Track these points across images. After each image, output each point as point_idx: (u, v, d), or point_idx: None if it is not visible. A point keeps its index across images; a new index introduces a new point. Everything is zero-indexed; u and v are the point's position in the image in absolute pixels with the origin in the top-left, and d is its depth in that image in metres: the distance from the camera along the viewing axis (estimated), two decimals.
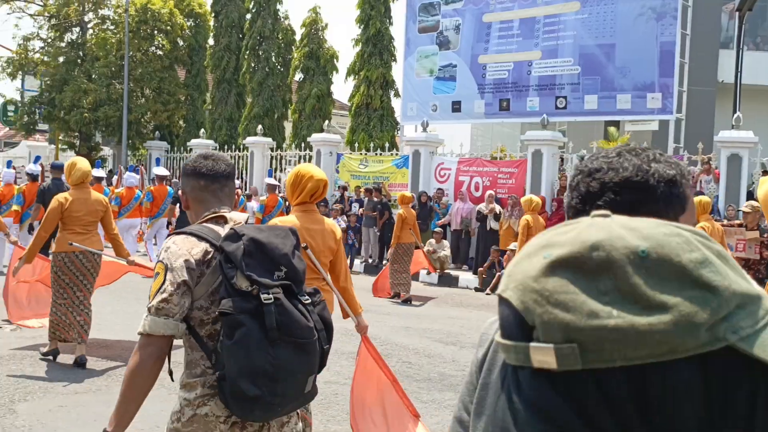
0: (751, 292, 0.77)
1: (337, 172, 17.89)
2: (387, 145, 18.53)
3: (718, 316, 0.74)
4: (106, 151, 27.03)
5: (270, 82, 22.91)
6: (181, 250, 2.10)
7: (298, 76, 22.60)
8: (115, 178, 17.68)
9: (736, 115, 12.81)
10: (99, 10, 25.20)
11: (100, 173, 13.60)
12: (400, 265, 11.00)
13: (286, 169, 18.83)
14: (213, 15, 25.01)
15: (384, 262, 12.58)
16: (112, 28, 24.81)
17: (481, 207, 13.91)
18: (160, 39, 24.48)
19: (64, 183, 7.38)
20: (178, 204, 12.45)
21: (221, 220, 2.24)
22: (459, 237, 14.52)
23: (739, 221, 9.76)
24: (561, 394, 0.79)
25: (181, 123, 25.32)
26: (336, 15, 75.00)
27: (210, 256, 2.11)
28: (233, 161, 20.46)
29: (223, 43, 24.15)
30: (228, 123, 23.99)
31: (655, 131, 16.57)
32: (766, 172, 12.00)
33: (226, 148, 21.35)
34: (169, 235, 2.22)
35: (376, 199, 15.03)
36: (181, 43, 25.32)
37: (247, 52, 23.06)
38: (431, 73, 18.16)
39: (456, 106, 17.80)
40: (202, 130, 22.74)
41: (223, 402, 2.03)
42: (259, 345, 1.96)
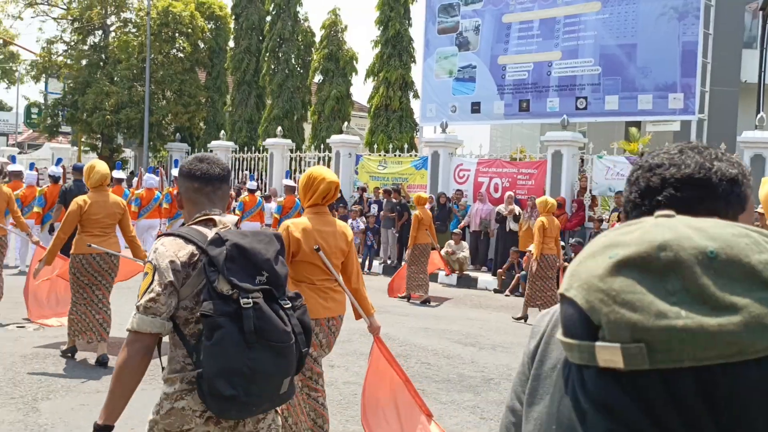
0: None
1: (356, 173, 17.92)
2: (406, 146, 18.53)
3: None
4: (128, 152, 27.31)
5: (290, 84, 23.01)
6: (168, 251, 2.17)
7: (318, 78, 22.68)
8: (135, 179, 17.84)
9: (759, 116, 12.64)
10: (121, 14, 25.50)
11: (121, 175, 13.75)
12: (417, 267, 10.98)
13: (305, 170, 18.88)
14: (233, 17, 25.19)
15: (402, 263, 12.57)
16: (134, 31, 25.08)
17: (501, 208, 13.85)
18: (181, 41, 24.69)
19: (85, 185, 7.50)
20: None
21: (210, 222, 2.31)
22: (478, 238, 14.47)
23: (758, 222, 9.64)
24: (628, 393, 0.79)
25: (201, 125, 25.52)
26: (355, 17, 75.15)
27: (196, 259, 2.17)
28: (253, 163, 20.64)
29: (244, 46, 24.30)
30: (248, 125, 24.13)
31: (677, 132, 16.39)
32: None
33: (246, 149, 21.48)
34: (159, 236, 2.31)
35: (394, 200, 15.03)
36: (201, 45, 25.53)
37: (267, 54, 23.18)
38: (450, 74, 18.12)
39: (475, 107, 17.74)
40: (223, 132, 22.90)
41: (200, 398, 2.09)
42: (236, 347, 2.02)
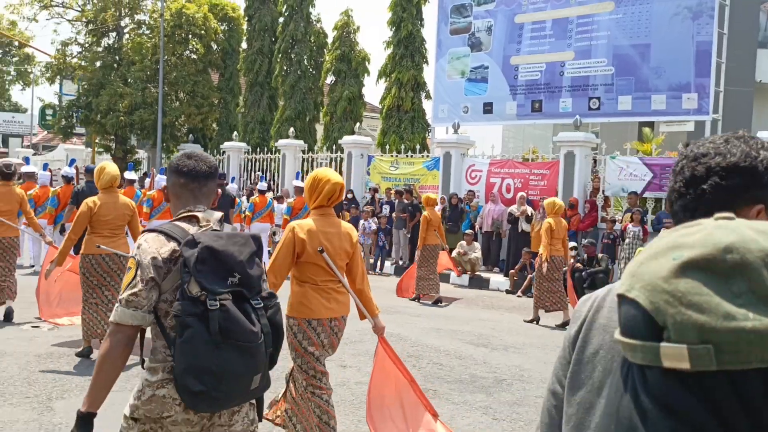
0: None
1: (368, 174, 17.93)
2: (418, 147, 18.51)
3: None
4: (141, 153, 27.45)
5: (302, 85, 23.06)
6: (151, 248, 2.25)
7: (330, 79, 22.70)
8: (147, 180, 17.95)
9: None
10: (135, 15, 25.63)
11: (133, 176, 13.84)
12: (427, 268, 10.97)
13: None
14: (246, 19, 25.26)
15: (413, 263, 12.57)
16: (147, 32, 25.20)
17: (513, 209, 13.82)
18: (194, 43, 24.80)
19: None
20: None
21: (194, 219, 2.37)
22: (490, 239, 14.45)
23: None
24: (695, 394, 0.79)
25: (214, 126, 25.62)
26: (368, 18, 75.24)
27: (177, 255, 2.24)
28: (265, 164, 20.71)
29: (256, 47, 24.37)
30: (260, 126, 24.20)
31: (691, 132, 16.29)
32: None
33: (258, 150, 21.55)
34: (143, 231, 2.36)
35: (406, 201, 15.03)
36: (214, 46, 25.62)
37: (280, 56, 23.24)
38: (463, 74, 18.09)
39: (487, 108, 17.71)
40: (235, 133, 22.98)
41: (177, 390, 2.19)
42: (205, 346, 2.11)
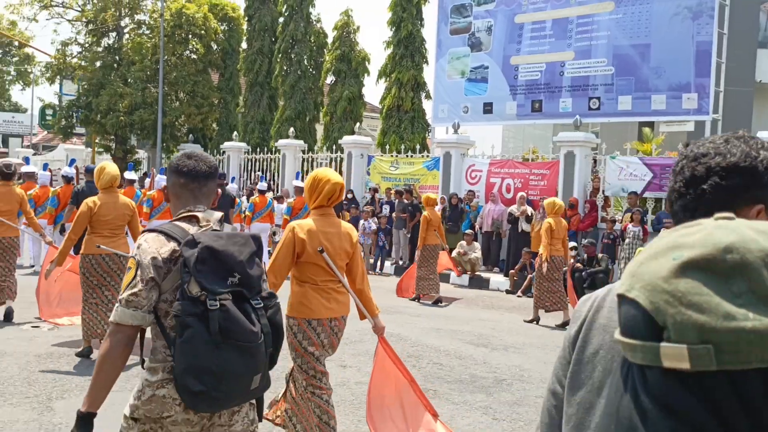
0: None
1: (368, 174, 17.93)
2: (418, 147, 18.51)
3: None
4: (141, 153, 27.45)
5: (302, 85, 23.06)
6: (151, 248, 2.25)
7: (330, 79, 22.70)
8: (147, 180, 17.95)
9: None
10: (135, 15, 25.62)
11: (133, 176, 13.84)
12: (427, 268, 10.98)
13: None
14: (246, 19, 25.25)
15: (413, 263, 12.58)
16: (147, 32, 25.20)
17: (513, 209, 13.82)
18: (194, 43, 24.80)
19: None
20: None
21: (194, 219, 2.37)
22: (490, 239, 14.45)
23: None
24: (695, 394, 0.80)
25: (214, 126, 25.62)
26: (368, 18, 75.26)
27: (177, 255, 2.23)
28: (265, 164, 20.71)
29: (256, 47, 24.37)
30: (260, 126, 24.19)
31: (691, 132, 16.28)
32: None
33: (258, 150, 21.55)
34: (143, 231, 2.36)
35: (406, 201, 15.03)
36: (214, 46, 25.62)
37: (280, 56, 23.24)
38: (463, 74, 18.10)
39: (487, 108, 17.71)
40: (235, 133, 22.98)
41: (177, 390, 2.18)
42: (205, 346, 2.11)
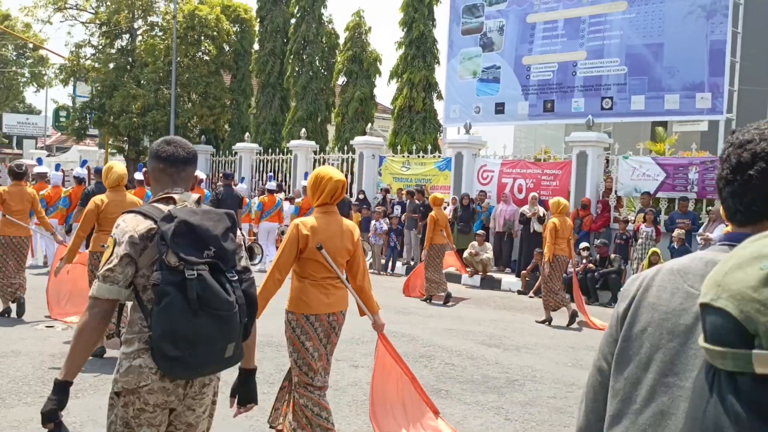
0: None
1: (379, 174, 17.94)
2: (429, 147, 18.50)
3: None
4: None
5: (314, 86, 23.10)
6: (128, 226, 2.38)
7: (342, 80, 22.73)
8: None
9: None
10: (148, 17, 25.80)
11: (143, 177, 13.93)
12: (434, 268, 10.99)
13: None
14: (258, 20, 25.33)
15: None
16: (160, 34, 25.35)
17: (525, 209, 13.77)
18: (206, 44, 24.91)
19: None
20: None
21: (171, 201, 2.49)
22: (501, 239, 14.41)
23: None
24: None
25: (226, 127, 25.72)
26: (379, 18, 75.21)
27: (153, 233, 2.35)
28: (277, 164, 20.76)
29: (268, 48, 24.44)
30: (272, 127, 24.26)
31: (704, 132, 16.18)
32: None
33: (270, 151, 21.60)
34: (123, 213, 2.48)
35: (418, 201, 15.02)
36: (227, 48, 25.73)
37: (292, 57, 23.30)
38: (474, 74, 18.06)
39: (499, 108, 17.66)
40: (247, 134, 23.06)
41: (153, 358, 2.30)
42: (181, 313, 2.22)
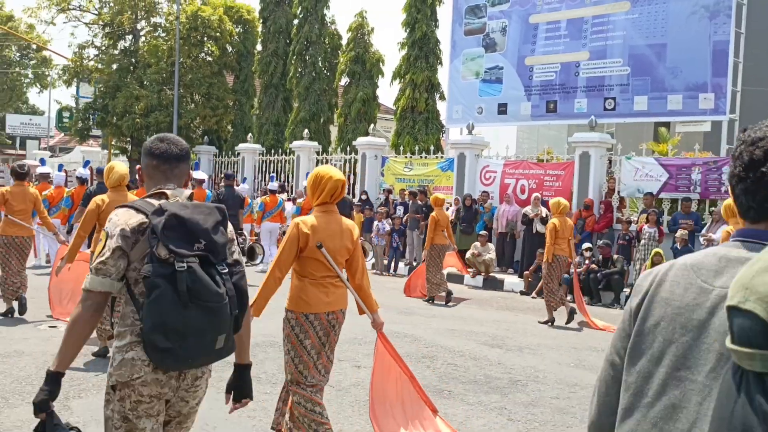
0: None
1: (382, 175, 17.94)
2: (432, 148, 18.50)
3: None
4: None
5: (316, 87, 23.12)
6: (120, 220, 2.41)
7: (344, 81, 22.75)
8: None
9: None
10: (151, 18, 25.82)
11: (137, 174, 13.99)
12: (435, 268, 10.99)
13: None
14: (261, 21, 25.36)
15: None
16: (163, 35, 25.38)
17: (527, 210, 13.76)
18: (209, 45, 24.94)
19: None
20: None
21: (163, 196, 2.52)
22: (504, 240, 14.39)
23: None
24: None
25: (229, 128, 25.74)
26: (382, 19, 75.22)
27: (145, 226, 2.38)
28: (280, 165, 20.77)
29: (271, 49, 24.46)
30: (275, 127, 24.28)
31: (707, 132, 16.18)
32: None
33: (273, 152, 21.62)
34: (116, 208, 2.51)
35: (420, 202, 15.02)
36: (229, 49, 25.74)
37: (294, 57, 23.32)
38: (477, 75, 18.06)
39: (502, 109, 17.66)
40: (250, 135, 23.08)
41: (144, 350, 2.32)
42: (171, 305, 2.24)
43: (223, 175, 17.32)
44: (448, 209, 13.65)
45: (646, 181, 13.39)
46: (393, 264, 14.97)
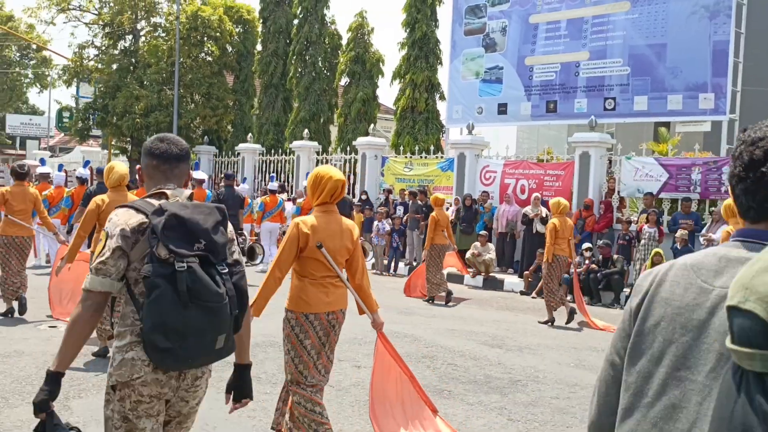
0: None
1: (382, 175, 17.94)
2: (432, 148, 18.50)
3: None
4: None
5: (316, 87, 23.12)
6: (120, 220, 2.41)
7: (344, 81, 22.75)
8: None
9: None
10: (151, 18, 25.82)
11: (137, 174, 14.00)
12: (435, 268, 11.00)
13: None
14: (261, 21, 25.36)
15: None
16: (163, 35, 25.38)
17: (527, 210, 13.76)
18: (209, 45, 24.94)
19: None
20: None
21: (163, 196, 2.52)
22: (504, 240, 14.39)
23: None
24: None
25: (229, 128, 25.74)
26: (382, 19, 75.24)
27: (145, 226, 2.38)
28: (280, 165, 20.77)
29: (271, 49, 24.46)
30: (275, 127, 24.28)
31: (707, 132, 16.18)
32: None
33: (272, 152, 21.62)
34: (116, 208, 2.51)
35: (420, 202, 15.02)
36: (229, 49, 25.74)
37: (294, 57, 23.32)
38: (477, 75, 18.06)
39: (502, 109, 17.66)
40: (250, 135, 23.09)
41: (144, 350, 2.32)
42: (171, 305, 2.24)
43: (223, 175, 17.32)
44: (448, 209, 13.65)
45: (646, 181, 13.39)
46: (393, 264, 14.97)
